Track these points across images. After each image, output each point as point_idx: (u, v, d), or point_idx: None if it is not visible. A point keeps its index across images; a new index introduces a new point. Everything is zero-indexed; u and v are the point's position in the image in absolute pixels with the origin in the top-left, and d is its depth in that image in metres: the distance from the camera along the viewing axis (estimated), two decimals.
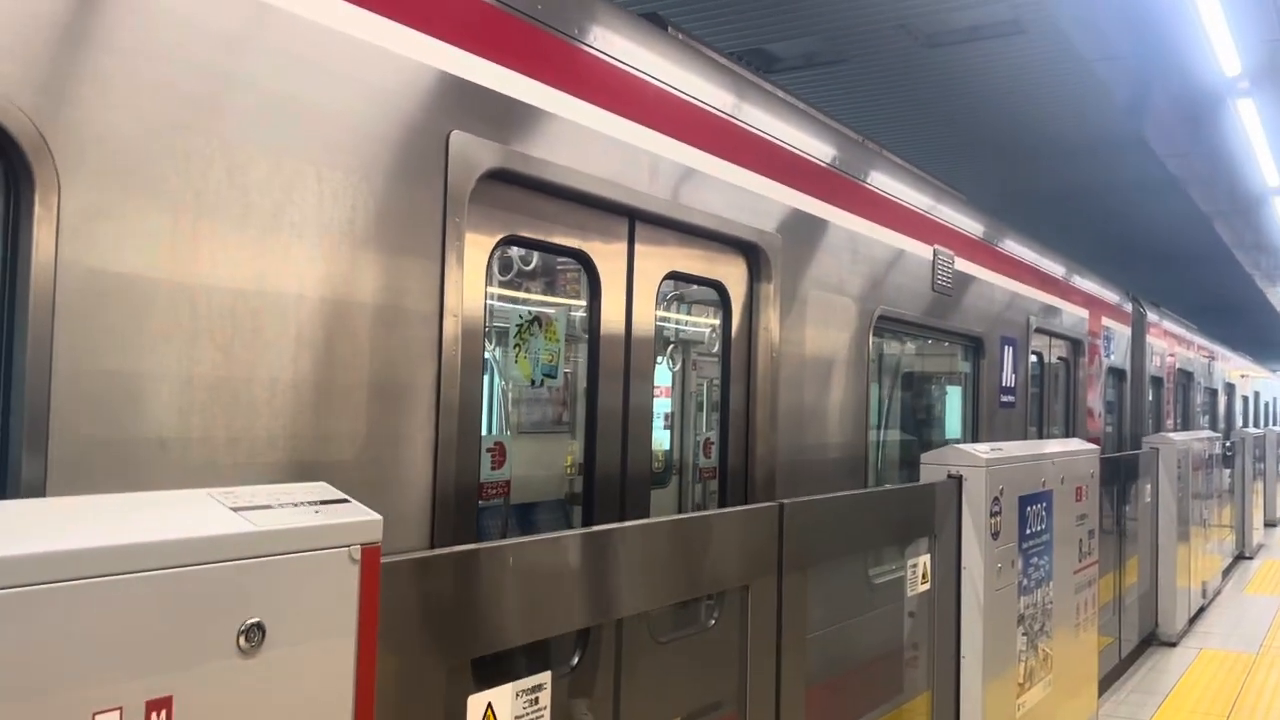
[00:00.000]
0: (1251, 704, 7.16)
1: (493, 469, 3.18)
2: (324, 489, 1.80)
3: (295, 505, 1.69)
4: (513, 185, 2.97)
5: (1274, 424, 25.69)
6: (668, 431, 6.54)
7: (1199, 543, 10.25)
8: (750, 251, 4.06)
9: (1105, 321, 9.39)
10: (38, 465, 1.79)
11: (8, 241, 1.84)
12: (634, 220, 3.47)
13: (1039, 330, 7.43)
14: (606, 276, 3.39)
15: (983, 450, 4.65)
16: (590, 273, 3.37)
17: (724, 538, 3.06)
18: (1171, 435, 9.62)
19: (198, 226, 2.10)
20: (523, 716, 2.22)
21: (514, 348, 3.41)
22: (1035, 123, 11.85)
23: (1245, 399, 21.25)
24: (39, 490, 1.79)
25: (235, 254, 2.18)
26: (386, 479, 2.47)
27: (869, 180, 5.03)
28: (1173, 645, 8.95)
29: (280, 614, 1.59)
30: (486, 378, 4.79)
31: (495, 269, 4.48)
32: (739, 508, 3.32)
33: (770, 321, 4.11)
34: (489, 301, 4.39)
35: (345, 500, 1.77)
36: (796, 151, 4.41)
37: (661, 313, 5.38)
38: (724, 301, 4.02)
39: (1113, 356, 9.69)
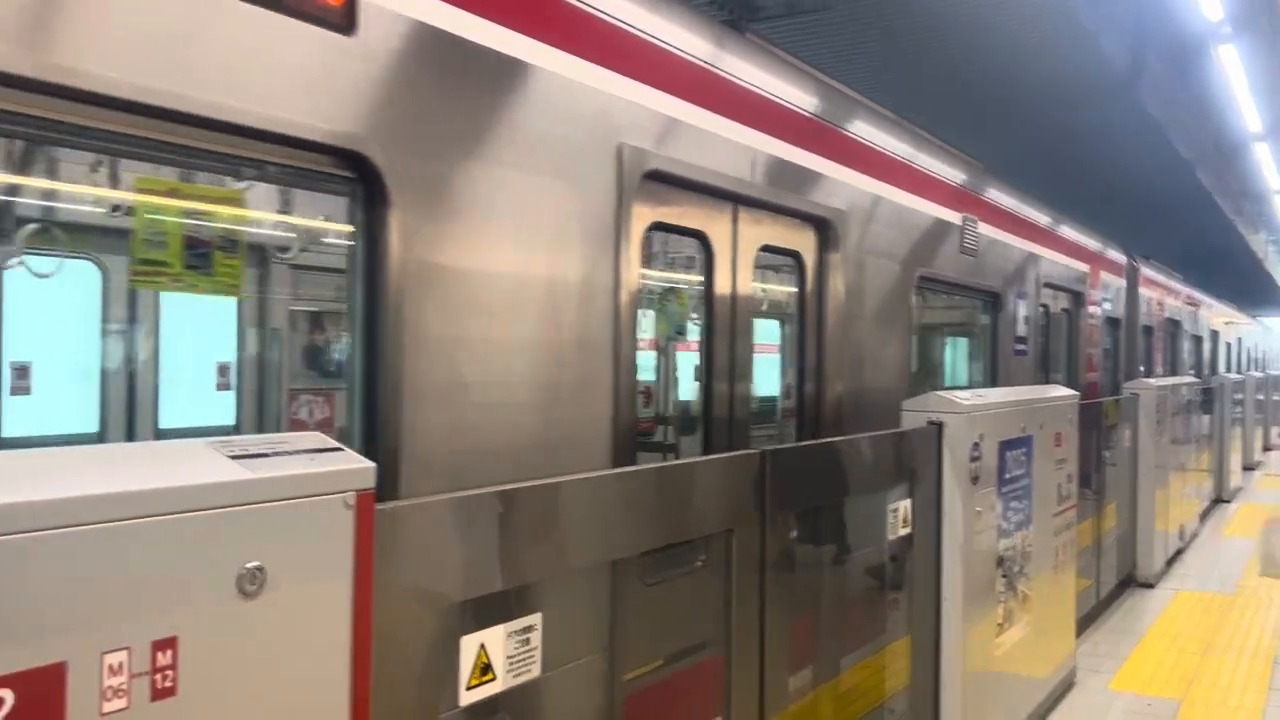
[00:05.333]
0: (1225, 643, 7.34)
1: (644, 408, 3.75)
2: (318, 438, 1.85)
3: (291, 453, 1.74)
4: (659, 182, 3.65)
5: (1253, 369, 26.04)
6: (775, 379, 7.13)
7: (1177, 486, 10.41)
8: (822, 226, 4.84)
9: (1103, 275, 10.20)
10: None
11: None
12: (737, 205, 4.22)
13: (1046, 285, 8.24)
14: (718, 251, 4.15)
15: (964, 397, 4.72)
16: (706, 249, 4.11)
17: (708, 485, 3.13)
18: (1150, 381, 9.74)
19: (485, 230, 2.87)
20: (514, 656, 2.30)
21: (657, 312, 4.38)
22: (1020, 68, 11.82)
23: (1228, 345, 21.94)
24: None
25: (507, 247, 2.94)
26: (589, 416, 3.24)
27: (914, 160, 5.80)
28: (1150, 587, 9.13)
29: (279, 558, 1.64)
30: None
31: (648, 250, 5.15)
32: (721, 455, 3.38)
33: (837, 284, 4.88)
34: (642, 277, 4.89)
35: (339, 449, 1.81)
36: (859, 139, 5.16)
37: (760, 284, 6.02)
38: (799, 267, 4.80)
39: (1109, 307, 10.49)
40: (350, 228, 2.64)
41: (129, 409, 4.80)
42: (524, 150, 3.00)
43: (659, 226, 3.74)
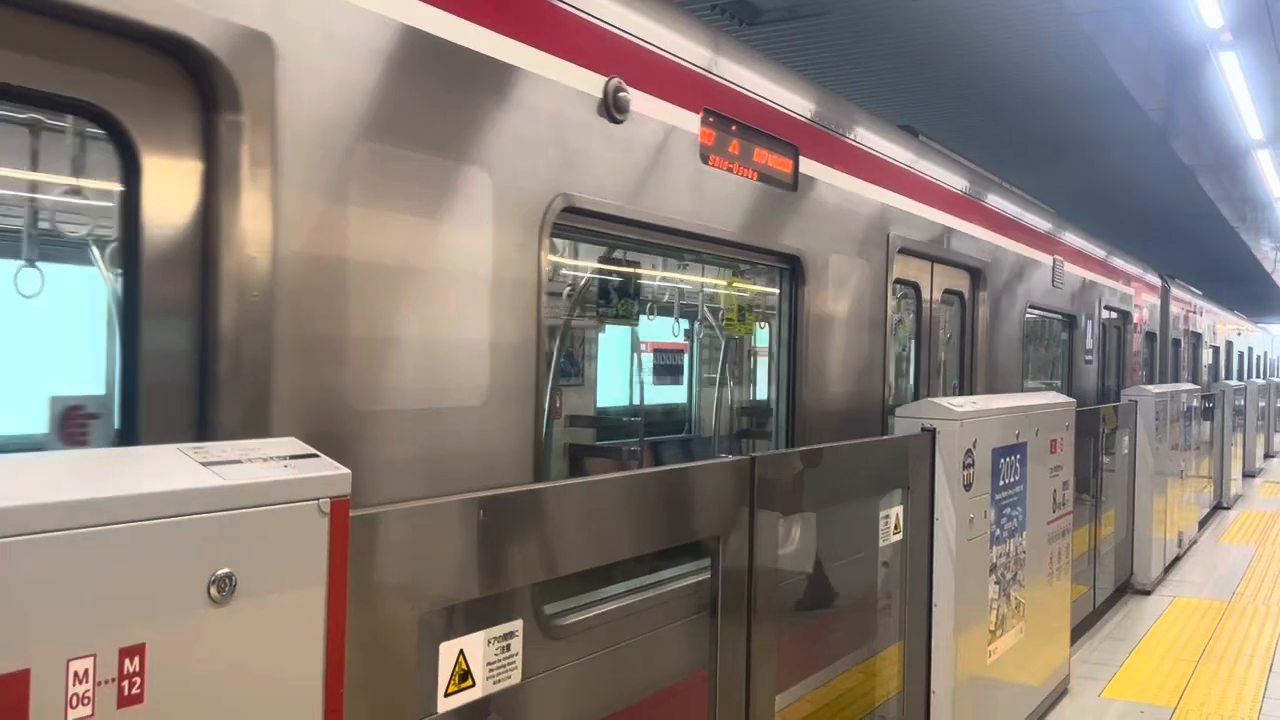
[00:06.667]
0: (1221, 649, 7.32)
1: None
2: (294, 444, 1.84)
3: (265, 460, 1.73)
4: (901, 253, 5.57)
5: (1263, 376, 26.48)
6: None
7: (1176, 493, 10.39)
8: (975, 273, 6.84)
9: (1144, 296, 12.27)
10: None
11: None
12: (933, 263, 6.20)
13: (1105, 307, 10.32)
14: (924, 295, 6.20)
15: (957, 404, 4.71)
16: (917, 293, 6.16)
17: (697, 491, 3.12)
18: (1149, 388, 9.71)
19: (837, 291, 4.86)
20: (494, 663, 2.29)
21: (894, 337, 5.86)
22: (1021, 76, 11.80)
23: (1240, 354, 23.71)
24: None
25: (843, 300, 4.90)
26: (872, 400, 5.14)
27: (1023, 218, 7.81)
28: (1147, 594, 9.11)
29: (251, 565, 1.64)
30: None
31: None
32: (712, 461, 3.37)
33: (983, 314, 6.89)
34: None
35: (314, 455, 1.81)
36: (992, 207, 7.13)
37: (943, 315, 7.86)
38: (961, 302, 6.78)
39: (1148, 321, 12.60)
40: (776, 290, 4.69)
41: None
42: (853, 242, 5.00)
43: (898, 281, 5.62)
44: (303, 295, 2.31)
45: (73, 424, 2.44)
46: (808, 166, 4.53)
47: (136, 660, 1.48)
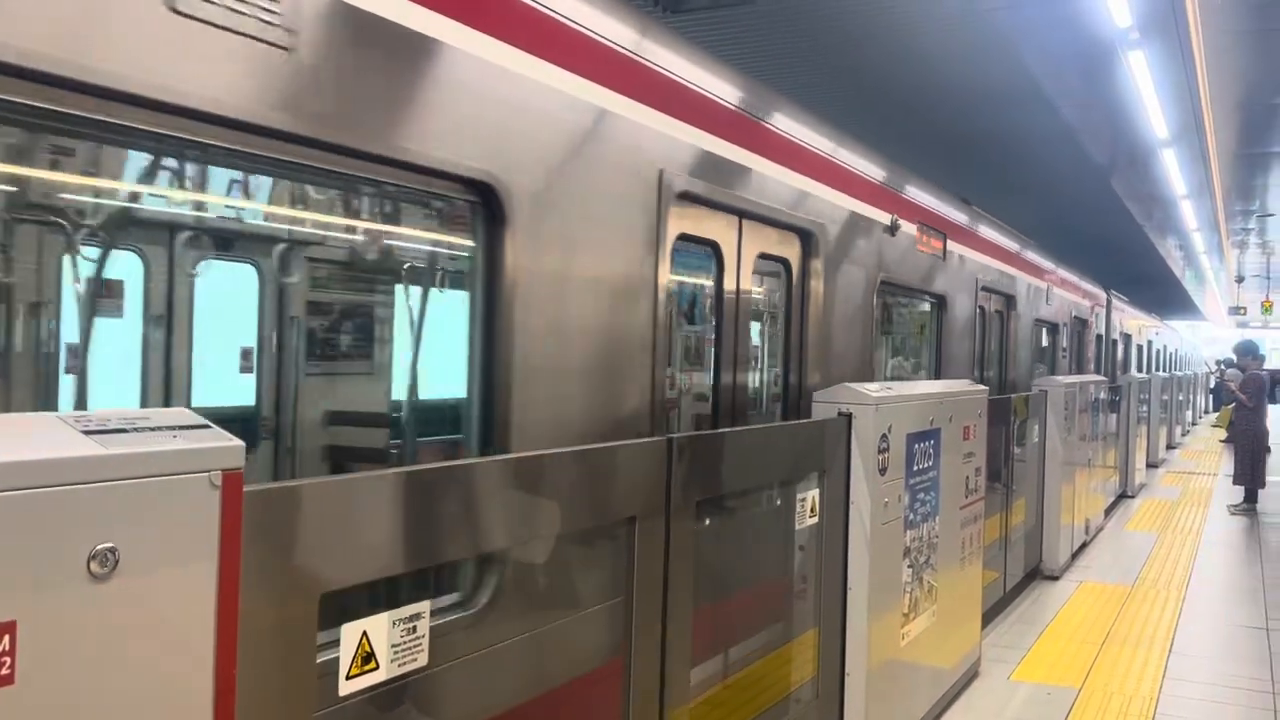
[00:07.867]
0: (1124, 631, 7.53)
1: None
2: (186, 415, 1.75)
3: (153, 430, 1.65)
4: (982, 290, 8.91)
5: (1168, 369, 28.44)
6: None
7: (1083, 482, 10.66)
8: (1009, 299, 9.86)
9: (1095, 307, 15.74)
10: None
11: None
12: (991, 294, 9.25)
13: (1074, 317, 13.49)
14: (987, 313, 9.10)
15: (873, 389, 4.75)
16: (983, 313, 9.13)
17: (612, 471, 3.08)
18: (1059, 378, 9.94)
19: (956, 309, 8.26)
20: (399, 645, 2.22)
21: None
22: (941, 71, 11.94)
23: (1158, 351, 27.28)
24: None
25: (955, 317, 8.13)
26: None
27: (1035, 260, 11.00)
28: (1055, 579, 9.33)
29: (135, 539, 1.55)
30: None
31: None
32: (629, 441, 3.33)
33: (1014, 325, 9.96)
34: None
35: (206, 426, 1.72)
36: (1018, 253, 10.25)
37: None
38: (1000, 317, 9.69)
39: (1099, 326, 16.00)
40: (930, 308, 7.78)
41: None
42: (964, 285, 8.05)
43: (978, 307, 8.55)
44: (825, 325, 5.33)
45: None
46: (950, 244, 7.63)
47: (5, 639, 1.39)
